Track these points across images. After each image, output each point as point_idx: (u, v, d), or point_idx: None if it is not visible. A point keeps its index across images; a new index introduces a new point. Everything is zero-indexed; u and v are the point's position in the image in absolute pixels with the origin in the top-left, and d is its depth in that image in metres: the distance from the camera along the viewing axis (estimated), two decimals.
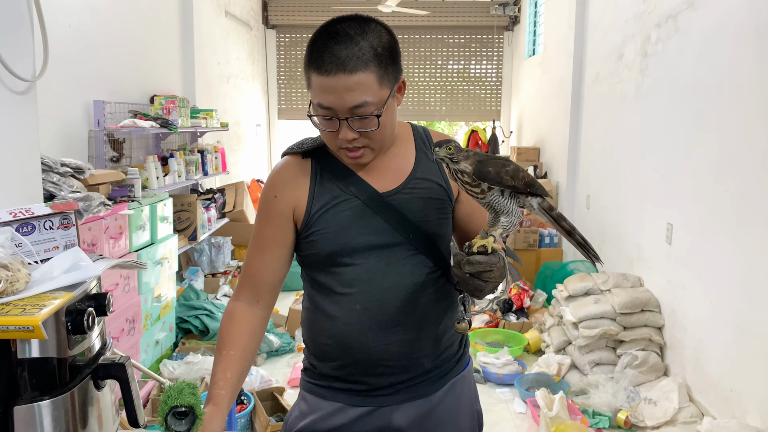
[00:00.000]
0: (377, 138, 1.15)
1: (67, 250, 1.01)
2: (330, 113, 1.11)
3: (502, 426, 3.11)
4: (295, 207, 1.22)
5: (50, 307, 0.83)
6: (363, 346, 1.21)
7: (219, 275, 5.04)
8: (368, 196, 1.20)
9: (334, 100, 1.08)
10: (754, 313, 2.67)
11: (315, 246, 1.21)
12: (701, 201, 3.12)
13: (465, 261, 1.04)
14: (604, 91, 4.62)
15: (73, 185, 2.66)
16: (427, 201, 1.22)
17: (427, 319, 1.23)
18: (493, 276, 1.04)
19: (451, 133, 15.85)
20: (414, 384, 1.25)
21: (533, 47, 7.16)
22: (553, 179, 5.97)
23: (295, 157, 1.26)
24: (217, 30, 5.93)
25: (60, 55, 3.17)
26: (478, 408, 1.39)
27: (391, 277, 1.20)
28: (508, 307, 4.59)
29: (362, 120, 1.11)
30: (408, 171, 1.24)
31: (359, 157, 1.17)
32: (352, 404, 1.25)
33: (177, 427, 1.00)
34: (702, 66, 3.12)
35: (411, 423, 1.25)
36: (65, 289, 0.90)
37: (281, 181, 1.24)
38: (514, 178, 1.05)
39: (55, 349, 0.86)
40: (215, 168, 5.10)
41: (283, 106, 8.42)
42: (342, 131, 1.12)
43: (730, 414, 2.80)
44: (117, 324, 2.93)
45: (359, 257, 1.19)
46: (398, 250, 1.20)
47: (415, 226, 1.20)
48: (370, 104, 1.09)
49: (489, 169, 1.04)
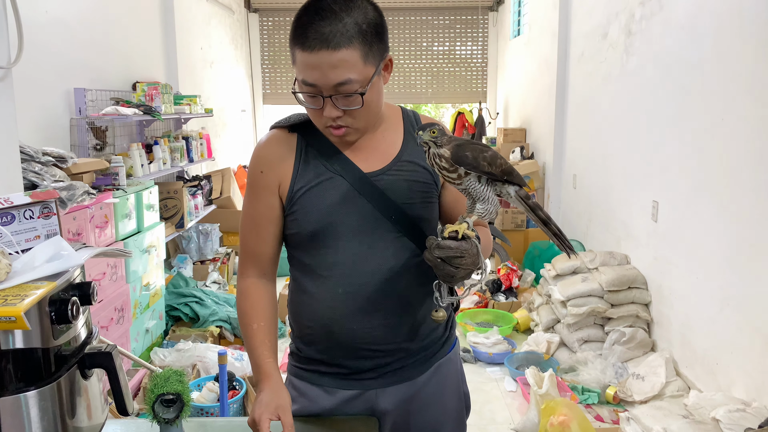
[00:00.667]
0: (362, 116, 1.13)
1: (48, 239, 0.99)
2: (314, 90, 1.09)
3: (493, 405, 3.14)
4: (281, 182, 1.21)
5: (32, 297, 0.81)
6: (345, 330, 1.20)
7: (208, 262, 5.02)
8: (353, 175, 1.18)
9: (318, 77, 1.07)
10: (738, 287, 2.71)
11: (297, 225, 1.20)
12: (686, 178, 3.14)
13: (435, 245, 1.03)
14: (590, 70, 4.62)
15: (56, 174, 2.63)
16: (412, 184, 1.21)
17: (410, 303, 1.22)
18: (464, 262, 1.03)
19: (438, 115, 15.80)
20: (399, 367, 1.25)
21: (518, 27, 7.13)
22: (540, 159, 5.98)
23: (281, 131, 1.25)
24: (199, 14, 5.84)
25: (37, 41, 3.11)
26: (465, 390, 1.38)
27: (373, 260, 1.19)
28: (497, 287, 4.62)
29: (346, 98, 1.09)
30: (395, 153, 1.22)
31: (343, 135, 1.15)
32: (338, 387, 1.25)
33: (165, 415, 1.00)
34: (685, 42, 3.13)
35: (396, 406, 1.26)
36: (48, 279, 0.88)
37: (267, 155, 1.23)
38: (492, 164, 1.05)
39: (39, 339, 0.85)
40: (201, 155, 5.05)
41: (268, 91, 8.34)
42: (326, 109, 1.10)
43: (716, 387, 2.85)
44: (106, 313, 2.92)
45: (341, 239, 1.18)
46: (381, 233, 1.19)
47: (399, 208, 1.19)
48: (354, 82, 1.07)
49: (466, 154, 1.03)
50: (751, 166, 2.60)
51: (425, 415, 1.29)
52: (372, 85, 1.11)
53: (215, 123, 6.24)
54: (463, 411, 1.37)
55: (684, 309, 3.18)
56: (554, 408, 2.67)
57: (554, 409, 2.66)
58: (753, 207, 2.59)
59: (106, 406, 1.06)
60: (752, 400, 2.53)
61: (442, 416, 1.31)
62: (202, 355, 3.20)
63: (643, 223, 3.66)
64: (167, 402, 1.00)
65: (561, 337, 3.67)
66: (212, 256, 5.13)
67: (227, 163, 6.60)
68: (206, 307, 3.92)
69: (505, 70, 7.76)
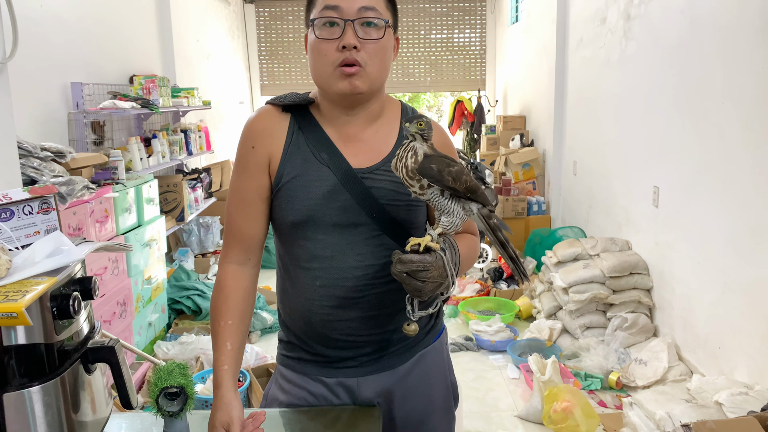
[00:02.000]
0: (375, 58, 1.12)
1: (48, 234, 0.99)
2: (336, 15, 1.09)
3: (497, 392, 3.15)
4: (270, 160, 1.18)
5: (33, 293, 0.81)
6: (323, 322, 1.19)
7: (209, 255, 5.03)
8: (340, 168, 1.16)
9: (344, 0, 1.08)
10: (739, 270, 2.70)
11: (281, 211, 1.18)
12: (686, 163, 3.13)
13: (397, 259, 1.02)
14: (588, 55, 4.60)
15: (55, 170, 2.62)
16: (399, 186, 1.16)
17: (389, 299, 1.19)
18: (430, 276, 1.01)
19: (437, 104, 15.74)
20: (379, 357, 1.24)
21: (516, 14, 7.09)
22: (540, 146, 5.96)
23: (275, 108, 1.22)
24: (195, 6, 5.81)
25: (32, 36, 3.09)
26: (452, 379, 1.36)
27: (351, 256, 1.17)
28: (499, 275, 4.62)
29: (368, 27, 1.10)
30: (387, 151, 1.19)
31: (354, 75, 1.10)
32: (320, 375, 1.24)
33: (168, 408, 1.00)
34: (684, 26, 3.10)
35: (378, 395, 1.25)
36: (48, 275, 0.88)
37: (259, 131, 1.20)
38: (456, 180, 1.02)
39: (42, 334, 0.85)
40: (200, 147, 5.04)
41: (266, 82, 8.31)
42: (346, 35, 1.08)
43: (718, 371, 2.86)
44: (108, 307, 2.92)
45: (322, 232, 1.16)
46: (362, 229, 1.16)
47: (382, 208, 1.16)
48: (378, 12, 1.10)
49: (432, 166, 1.01)
50: (750, 150, 2.59)
51: (410, 405, 1.27)
52: (388, 34, 1.12)
53: (213, 115, 6.22)
54: (450, 401, 1.35)
55: (686, 294, 3.18)
56: (557, 394, 2.68)
57: (557, 396, 2.67)
58: (753, 191, 2.59)
59: (111, 400, 1.07)
60: (755, 383, 2.54)
61: (428, 406, 1.29)
62: (205, 347, 3.21)
63: (643, 208, 3.65)
64: (171, 395, 1.00)
65: (563, 324, 3.67)
66: (213, 248, 5.14)
67: (226, 155, 6.58)
68: (208, 300, 3.92)
69: (503, 57, 7.72)
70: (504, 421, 2.88)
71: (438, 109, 15.61)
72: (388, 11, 1.13)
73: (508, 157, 5.93)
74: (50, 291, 0.86)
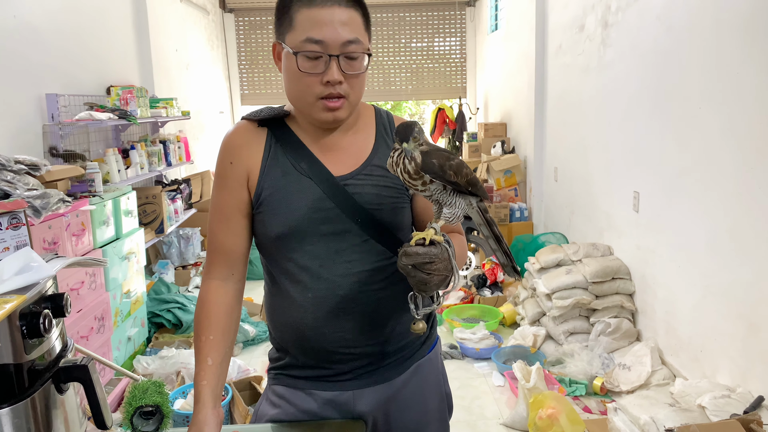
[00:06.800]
0: (357, 89, 1.12)
1: (17, 250, 0.96)
2: (319, 49, 1.05)
3: (482, 400, 3.14)
4: (249, 175, 1.17)
5: (1, 312, 0.78)
6: (318, 335, 1.18)
7: (190, 267, 4.96)
8: (321, 178, 1.15)
9: (328, 33, 1.04)
10: (720, 273, 2.73)
11: (264, 225, 1.16)
12: (666, 167, 3.16)
13: (403, 253, 1.01)
14: (568, 62, 4.64)
15: (29, 183, 2.56)
16: (382, 189, 1.17)
17: (382, 306, 1.19)
18: (436, 268, 1.01)
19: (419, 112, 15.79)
20: (375, 369, 1.22)
21: (495, 22, 7.15)
22: (521, 153, 6.00)
23: (251, 123, 1.20)
24: (173, 16, 5.77)
25: (5, 47, 3.04)
26: (447, 390, 1.36)
27: (341, 265, 1.15)
28: (483, 282, 4.62)
29: (351, 61, 1.08)
30: (365, 156, 1.19)
31: (339, 109, 1.10)
32: (315, 389, 1.22)
33: (144, 428, 0.97)
34: (661, 32, 3.14)
35: (375, 407, 1.23)
36: (17, 292, 0.85)
37: (236, 146, 1.18)
38: (457, 173, 1.03)
39: (11, 354, 0.82)
40: (179, 158, 4.99)
41: (246, 92, 8.27)
42: (330, 71, 1.06)
43: (701, 374, 2.88)
44: (86, 323, 2.86)
45: (308, 243, 1.15)
46: (348, 236, 1.15)
47: (367, 213, 1.15)
48: (361, 44, 1.08)
49: (433, 161, 1.01)
50: (729, 154, 2.62)
51: (406, 416, 1.26)
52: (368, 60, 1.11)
53: (193, 125, 6.17)
54: (445, 411, 1.35)
55: (667, 298, 3.20)
56: (542, 401, 2.67)
57: (542, 403, 2.67)
58: (732, 194, 2.62)
59: (85, 420, 1.03)
60: (737, 386, 2.56)
61: (424, 417, 1.29)
62: (186, 361, 3.16)
63: (624, 213, 3.68)
64: (146, 414, 0.97)
65: (547, 330, 3.68)
66: (194, 260, 5.07)
67: (206, 166, 6.52)
68: (189, 313, 3.86)
69: (484, 65, 7.77)
70: (490, 429, 2.87)
71: (420, 117, 15.66)
72: (366, 34, 1.11)
73: (490, 164, 5.96)
74: (19, 309, 0.83)
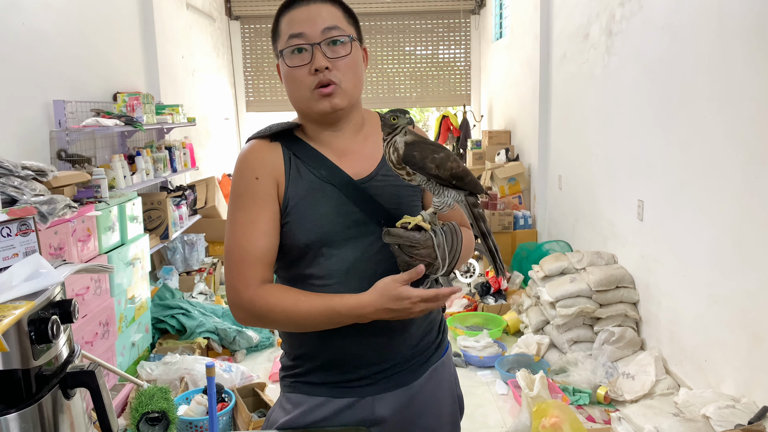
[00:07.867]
0: (348, 73, 1.16)
1: (27, 257, 0.97)
2: (302, 41, 1.13)
3: (485, 408, 3.13)
4: (279, 186, 1.17)
5: (10, 318, 0.79)
6: (340, 339, 1.19)
7: (194, 273, 4.97)
8: (341, 181, 1.18)
9: (306, 26, 1.13)
10: (724, 283, 2.72)
11: (291, 236, 1.17)
12: (670, 176, 3.16)
13: (385, 231, 1.09)
14: (572, 70, 4.65)
15: (36, 188, 2.57)
16: (399, 189, 1.21)
17: None
18: (418, 253, 1.07)
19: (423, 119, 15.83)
20: (394, 373, 1.24)
21: (500, 30, 7.17)
22: (525, 161, 6.00)
23: (263, 141, 1.21)
24: (179, 23, 5.80)
25: (14, 54, 3.07)
26: (458, 392, 1.38)
27: (368, 266, 1.18)
28: (486, 290, 4.62)
29: (334, 46, 1.14)
30: (378, 158, 1.23)
31: (332, 95, 1.14)
32: (333, 396, 1.23)
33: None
34: (665, 41, 3.15)
35: (393, 412, 1.24)
36: (26, 298, 0.86)
37: (258, 161, 1.18)
38: (440, 167, 1.05)
39: (19, 360, 0.82)
40: (184, 164, 5.01)
41: (251, 99, 8.30)
42: (315, 59, 1.13)
43: (705, 384, 2.87)
44: (90, 328, 2.87)
45: (335, 247, 1.17)
46: (373, 238, 1.18)
47: (388, 213, 1.18)
48: (341, 29, 1.15)
49: (414, 154, 1.05)
50: (733, 162, 2.62)
51: (422, 420, 1.27)
52: (354, 47, 1.17)
53: (198, 132, 6.20)
54: (457, 414, 1.38)
55: (672, 307, 3.19)
56: (546, 410, 2.67)
57: (546, 411, 2.66)
58: (736, 203, 2.61)
59: (91, 425, 1.04)
60: (741, 396, 2.55)
61: (439, 420, 1.30)
62: (189, 367, 3.16)
63: (629, 222, 3.68)
64: (152, 420, 0.97)
65: (551, 339, 3.67)
66: (198, 266, 5.08)
67: (211, 172, 6.55)
68: (193, 319, 3.87)
69: (488, 72, 7.79)
70: None
71: (424, 124, 15.69)
72: (350, 26, 1.18)
73: (494, 171, 5.96)
74: (28, 315, 0.83)
